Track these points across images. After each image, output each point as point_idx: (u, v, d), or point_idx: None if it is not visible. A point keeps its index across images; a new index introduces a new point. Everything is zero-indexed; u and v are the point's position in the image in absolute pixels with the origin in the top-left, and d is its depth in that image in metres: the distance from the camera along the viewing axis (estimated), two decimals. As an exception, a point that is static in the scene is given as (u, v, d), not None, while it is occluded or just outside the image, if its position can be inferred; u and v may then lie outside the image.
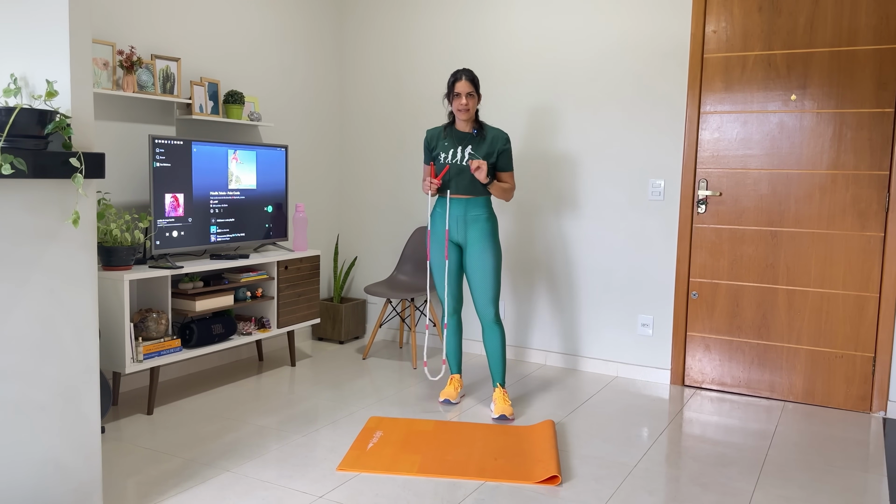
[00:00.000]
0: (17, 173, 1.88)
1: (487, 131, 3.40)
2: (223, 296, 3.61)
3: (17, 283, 2.02)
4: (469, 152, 3.34)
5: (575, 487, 2.65)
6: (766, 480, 2.76)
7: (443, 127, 3.45)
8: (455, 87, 3.32)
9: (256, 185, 3.95)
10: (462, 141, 3.38)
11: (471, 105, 3.33)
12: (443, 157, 3.39)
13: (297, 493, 2.55)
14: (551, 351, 4.33)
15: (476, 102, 3.36)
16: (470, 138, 3.38)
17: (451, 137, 3.40)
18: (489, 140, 3.37)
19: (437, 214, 3.45)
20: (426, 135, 3.49)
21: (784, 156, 3.67)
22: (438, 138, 3.44)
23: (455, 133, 3.41)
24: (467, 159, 3.33)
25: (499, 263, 3.40)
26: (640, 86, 3.96)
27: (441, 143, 3.41)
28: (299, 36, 4.56)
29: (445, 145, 3.39)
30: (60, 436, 2.17)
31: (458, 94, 3.32)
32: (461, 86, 3.31)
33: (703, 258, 3.88)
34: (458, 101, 3.32)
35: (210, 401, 3.53)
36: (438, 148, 3.42)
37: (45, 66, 2.12)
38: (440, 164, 3.39)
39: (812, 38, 3.57)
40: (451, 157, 3.36)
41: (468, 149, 3.35)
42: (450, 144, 3.39)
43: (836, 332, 3.62)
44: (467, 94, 3.31)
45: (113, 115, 3.49)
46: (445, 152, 3.39)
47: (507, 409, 3.32)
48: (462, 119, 3.38)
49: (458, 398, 3.57)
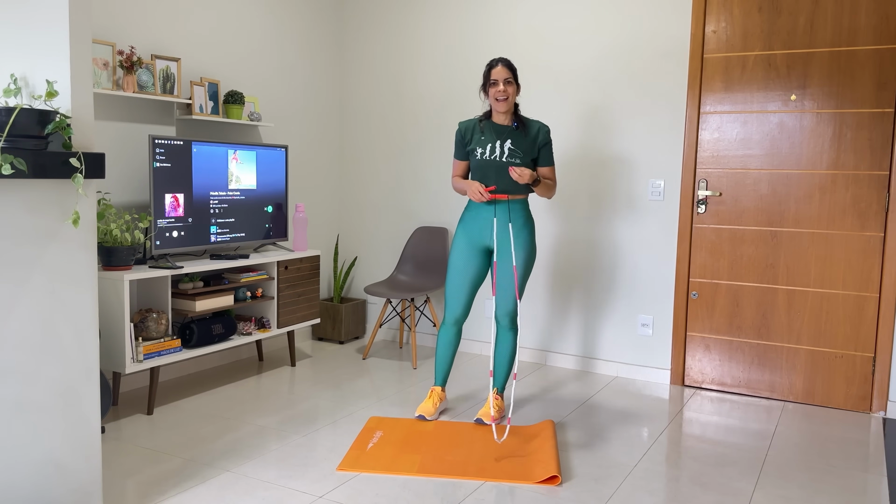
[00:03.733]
0: (17, 173, 1.88)
1: (529, 125, 3.16)
2: (223, 296, 3.61)
3: (17, 283, 2.02)
4: (510, 147, 3.10)
5: (575, 487, 2.65)
6: (766, 480, 2.76)
7: (478, 119, 3.21)
8: (491, 74, 3.09)
9: (256, 185, 3.95)
10: (501, 135, 3.13)
11: (510, 92, 3.08)
12: (479, 152, 3.14)
13: (297, 493, 2.55)
14: (551, 351, 4.33)
15: (515, 92, 3.12)
16: (510, 132, 3.14)
17: (489, 131, 3.16)
18: (532, 134, 3.14)
19: (468, 216, 3.23)
20: (459, 127, 3.24)
21: (784, 156, 3.67)
22: (474, 131, 3.19)
23: (493, 126, 3.16)
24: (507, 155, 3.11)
25: (531, 269, 3.22)
26: (640, 86, 3.96)
27: (477, 137, 3.17)
28: (299, 36, 4.56)
29: (482, 139, 3.15)
30: (61, 436, 2.17)
31: (496, 82, 3.07)
32: (498, 72, 3.08)
33: (703, 258, 3.88)
34: (496, 89, 3.08)
35: (210, 401, 3.53)
36: (474, 142, 3.17)
37: (45, 66, 2.12)
38: (477, 162, 3.15)
39: (812, 38, 3.57)
40: (490, 153, 3.12)
41: (508, 143, 3.12)
42: (487, 139, 3.14)
43: (836, 332, 3.62)
44: (505, 81, 3.07)
45: (113, 115, 3.49)
46: (483, 147, 3.14)
47: (487, 414, 3.24)
48: (500, 110, 3.12)
49: (436, 414, 3.32)
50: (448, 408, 3.50)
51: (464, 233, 3.25)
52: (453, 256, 3.27)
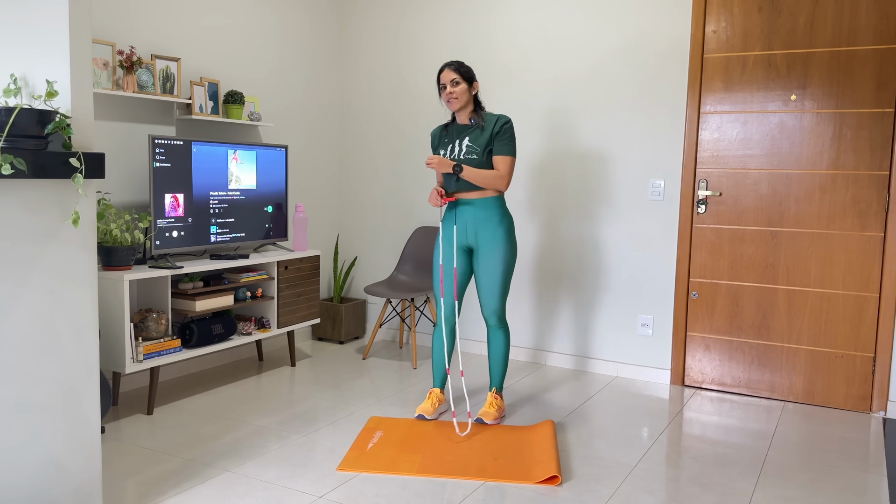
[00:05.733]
0: (17, 173, 1.88)
1: (487, 119, 3.21)
2: (223, 296, 3.61)
3: (17, 283, 2.02)
4: (467, 144, 3.19)
5: (575, 487, 2.65)
6: (766, 480, 2.76)
7: (444, 125, 3.33)
8: (440, 79, 3.18)
9: (256, 185, 3.95)
10: (460, 134, 3.23)
11: (457, 92, 3.15)
12: (442, 153, 3.26)
13: (297, 493, 2.55)
14: (551, 351, 4.33)
15: (465, 90, 3.17)
16: (467, 130, 3.22)
17: (452, 132, 3.27)
18: (489, 128, 3.19)
19: (446, 219, 3.30)
20: (432, 133, 3.37)
21: (784, 156, 3.67)
22: (441, 135, 3.32)
23: (455, 128, 3.27)
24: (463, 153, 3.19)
25: (511, 266, 3.24)
26: (640, 86, 3.96)
27: (442, 140, 3.29)
28: (299, 36, 4.56)
29: (446, 142, 3.27)
30: (61, 436, 2.17)
31: (444, 85, 3.17)
32: (444, 75, 3.17)
33: (703, 258, 3.88)
34: (445, 92, 3.17)
35: (210, 401, 3.53)
36: (440, 145, 3.30)
37: (45, 66, 2.12)
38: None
39: (812, 38, 3.57)
40: (450, 153, 3.23)
41: (465, 141, 3.20)
42: (449, 140, 3.26)
43: (836, 332, 3.62)
44: (451, 82, 3.15)
45: (113, 115, 3.49)
46: (444, 148, 3.26)
47: (488, 414, 3.25)
48: (452, 109, 3.21)
49: (436, 414, 3.34)
50: (447, 408, 3.49)
51: (442, 235, 3.32)
52: (435, 259, 3.34)
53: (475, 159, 3.17)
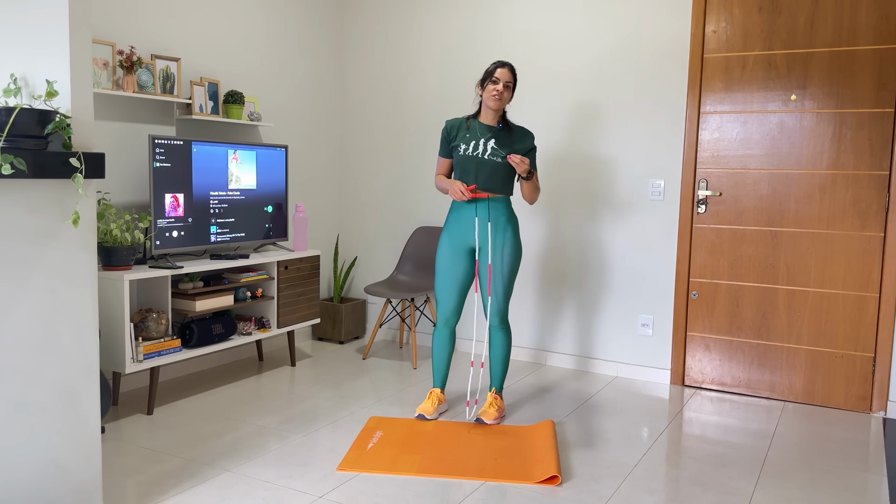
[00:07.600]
0: (17, 173, 1.88)
1: (514, 128, 3.24)
2: (223, 296, 3.61)
3: (17, 283, 2.02)
4: (493, 146, 3.18)
5: (575, 487, 2.65)
6: (766, 480, 2.76)
7: (465, 118, 3.28)
8: (495, 73, 3.14)
9: (256, 185, 3.95)
10: (486, 133, 3.20)
11: (505, 95, 3.16)
12: (462, 148, 3.21)
13: (297, 493, 2.55)
14: (551, 351, 4.33)
15: (510, 97, 3.20)
16: (495, 132, 3.21)
17: (475, 129, 3.22)
18: (515, 137, 3.22)
19: (452, 218, 3.29)
20: (446, 124, 3.30)
21: (784, 156, 3.67)
22: (460, 128, 3.26)
23: (479, 125, 3.23)
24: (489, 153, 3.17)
25: (516, 267, 3.26)
26: (640, 86, 3.96)
27: (462, 134, 3.24)
28: (299, 36, 4.56)
29: (467, 137, 3.22)
30: (60, 436, 2.17)
31: (497, 80, 3.14)
32: (502, 73, 3.14)
33: (703, 258, 3.88)
34: (494, 87, 3.14)
35: (210, 401, 3.53)
36: (459, 139, 3.24)
37: (45, 66, 2.12)
38: (459, 157, 3.22)
39: (812, 38, 3.57)
40: (472, 150, 3.19)
41: (491, 143, 3.18)
42: (472, 136, 3.21)
43: (836, 332, 3.62)
44: (505, 84, 3.14)
45: (113, 115, 3.49)
46: (466, 144, 3.21)
47: (488, 413, 3.26)
48: (491, 107, 3.18)
49: (436, 414, 3.33)
50: (447, 408, 3.49)
51: (448, 234, 3.30)
52: (439, 258, 3.32)
53: (499, 163, 3.19)
